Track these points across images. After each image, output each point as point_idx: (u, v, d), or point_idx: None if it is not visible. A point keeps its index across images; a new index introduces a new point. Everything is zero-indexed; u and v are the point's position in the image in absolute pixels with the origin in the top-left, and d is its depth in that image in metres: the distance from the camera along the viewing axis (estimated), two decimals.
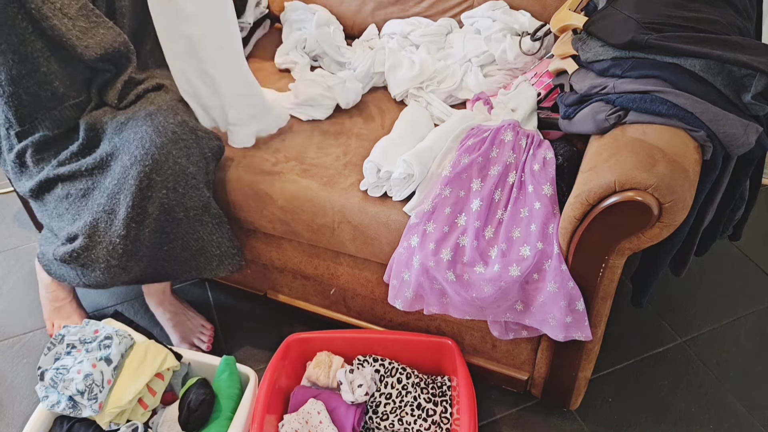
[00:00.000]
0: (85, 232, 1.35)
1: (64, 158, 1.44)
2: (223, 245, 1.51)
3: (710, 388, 1.65)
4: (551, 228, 1.26)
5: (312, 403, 1.47)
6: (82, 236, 1.35)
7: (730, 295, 1.90)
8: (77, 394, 1.36)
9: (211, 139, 1.48)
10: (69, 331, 1.47)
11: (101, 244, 1.36)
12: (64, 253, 1.38)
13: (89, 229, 1.35)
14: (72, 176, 1.42)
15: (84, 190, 1.40)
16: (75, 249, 1.36)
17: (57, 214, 1.43)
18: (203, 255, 1.50)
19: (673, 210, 1.10)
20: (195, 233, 1.46)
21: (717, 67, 1.19)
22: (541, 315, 1.30)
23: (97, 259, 1.37)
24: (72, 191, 1.41)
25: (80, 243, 1.35)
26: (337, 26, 1.94)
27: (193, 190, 1.42)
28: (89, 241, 1.35)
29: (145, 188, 1.35)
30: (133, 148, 1.36)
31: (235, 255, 1.55)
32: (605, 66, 1.30)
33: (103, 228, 1.36)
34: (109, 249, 1.36)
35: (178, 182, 1.38)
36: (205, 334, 1.77)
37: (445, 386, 1.56)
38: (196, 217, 1.44)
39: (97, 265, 1.37)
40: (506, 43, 1.66)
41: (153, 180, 1.35)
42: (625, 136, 1.20)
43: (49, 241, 1.46)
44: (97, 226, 1.36)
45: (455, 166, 1.36)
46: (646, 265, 1.43)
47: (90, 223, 1.36)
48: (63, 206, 1.42)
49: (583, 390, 1.52)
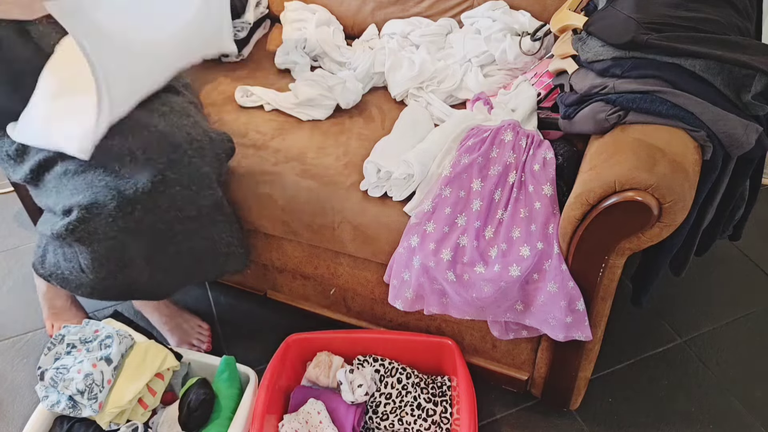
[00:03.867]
0: (82, 204, 1.31)
1: None
2: (233, 244, 1.51)
3: (710, 388, 1.65)
4: (551, 228, 1.26)
5: (312, 403, 1.47)
6: (77, 208, 1.31)
7: (730, 295, 1.90)
8: (77, 393, 1.35)
9: (223, 141, 1.48)
10: (69, 331, 1.46)
11: (100, 215, 1.31)
12: (61, 227, 1.33)
13: (87, 202, 1.31)
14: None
15: (84, 167, 1.36)
16: (71, 221, 1.31)
17: (55, 192, 1.39)
18: (211, 255, 1.49)
19: (673, 210, 1.10)
20: (205, 231, 1.45)
21: (717, 67, 1.19)
22: (542, 315, 1.29)
23: (95, 232, 1.32)
24: (70, 167, 1.37)
25: (76, 215, 1.31)
26: (337, 26, 1.94)
27: (207, 189, 1.42)
28: (86, 213, 1.31)
29: (159, 183, 1.34)
30: (147, 145, 1.34)
31: (243, 254, 1.55)
32: (605, 66, 1.29)
33: (102, 201, 1.31)
34: (109, 221, 1.31)
35: (192, 181, 1.38)
36: (203, 335, 1.77)
37: (445, 386, 1.56)
38: (208, 215, 1.44)
39: (94, 238, 1.33)
40: (506, 43, 1.65)
41: (167, 177, 1.34)
42: (625, 136, 1.20)
43: (47, 221, 1.42)
44: (95, 199, 1.31)
45: (455, 166, 1.36)
46: (646, 265, 1.43)
47: (89, 196, 1.31)
48: (62, 182, 1.38)
49: (583, 390, 1.52)
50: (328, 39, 1.85)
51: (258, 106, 1.72)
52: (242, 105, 1.72)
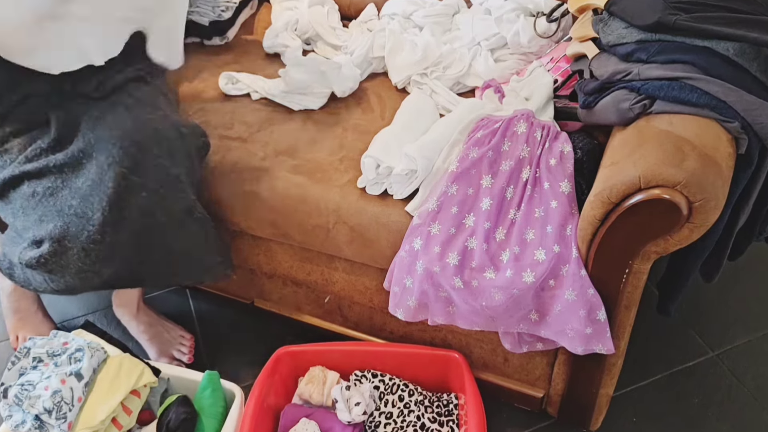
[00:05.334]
0: (54, 237, 1.31)
1: (32, 154, 1.40)
2: (210, 251, 1.49)
3: (745, 406, 1.63)
4: (569, 229, 1.25)
5: (304, 423, 1.45)
6: (49, 241, 1.31)
7: (766, 304, 1.88)
8: (44, 413, 1.31)
9: (196, 136, 1.46)
10: (35, 344, 1.44)
11: (72, 249, 1.31)
12: (30, 258, 1.33)
13: (59, 234, 1.31)
14: (39, 173, 1.38)
15: (52, 189, 1.36)
16: (42, 254, 1.31)
17: (23, 213, 1.39)
18: (185, 261, 1.48)
19: (704, 209, 1.08)
20: (177, 238, 1.43)
21: (753, 51, 1.17)
22: (558, 326, 1.28)
23: (67, 266, 1.32)
24: (39, 189, 1.36)
25: (48, 248, 1.31)
26: (332, 6, 1.94)
27: (177, 192, 1.39)
28: (58, 246, 1.31)
29: (124, 191, 1.31)
30: (110, 146, 1.32)
31: (222, 263, 1.53)
32: (629, 50, 1.28)
33: (73, 232, 1.31)
34: (82, 255, 1.31)
35: (160, 184, 1.36)
36: (185, 345, 1.75)
37: (452, 404, 1.53)
38: (180, 221, 1.41)
39: (66, 271, 1.33)
40: (519, 24, 1.63)
41: (132, 182, 1.32)
42: (651, 127, 1.19)
43: (14, 242, 1.41)
44: (67, 231, 1.31)
45: (463, 161, 1.35)
46: (675, 270, 1.42)
47: (60, 227, 1.31)
48: (29, 204, 1.38)
49: (604, 409, 1.51)
50: (322, 20, 1.84)
51: (244, 95, 1.72)
52: (227, 93, 1.72)
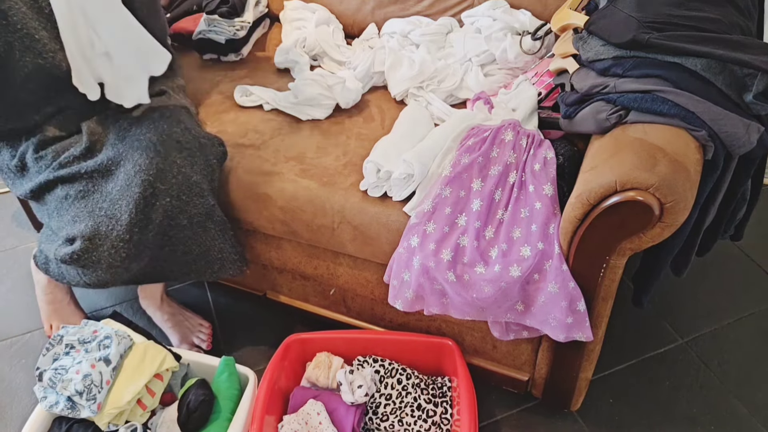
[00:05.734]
0: (86, 235, 1.34)
1: (65, 160, 1.43)
2: (225, 251, 1.51)
3: (712, 389, 1.65)
4: (552, 228, 1.26)
5: (311, 404, 1.47)
6: (81, 239, 1.34)
7: (731, 296, 1.90)
8: (76, 394, 1.35)
9: (214, 146, 1.48)
10: (68, 332, 1.46)
11: (102, 246, 1.34)
12: (65, 254, 1.36)
13: (90, 232, 1.34)
14: (72, 178, 1.41)
15: (83, 192, 1.39)
16: (75, 251, 1.35)
17: (57, 213, 1.42)
18: (205, 259, 1.50)
19: (675, 210, 1.10)
20: (198, 239, 1.46)
21: (719, 66, 1.19)
22: (542, 315, 1.29)
23: (98, 261, 1.36)
24: (71, 192, 1.40)
25: (80, 245, 1.34)
26: (337, 25, 1.94)
27: (197, 197, 1.42)
28: (89, 243, 1.34)
29: (149, 196, 1.35)
30: (137, 156, 1.36)
31: (237, 261, 1.55)
32: (606, 65, 1.29)
33: (104, 231, 1.34)
34: (111, 252, 1.35)
35: (182, 191, 1.39)
36: (204, 333, 1.77)
37: (446, 387, 1.56)
38: (200, 223, 1.44)
39: (98, 266, 1.36)
40: (507, 42, 1.65)
41: (157, 189, 1.35)
42: (626, 135, 1.20)
43: (49, 239, 1.45)
44: (98, 230, 1.34)
45: (455, 166, 1.36)
46: (648, 265, 1.43)
47: (91, 226, 1.34)
48: (63, 206, 1.41)
49: (584, 391, 1.52)
50: (328, 38, 1.85)
51: (257, 106, 1.72)
52: (241, 105, 1.72)
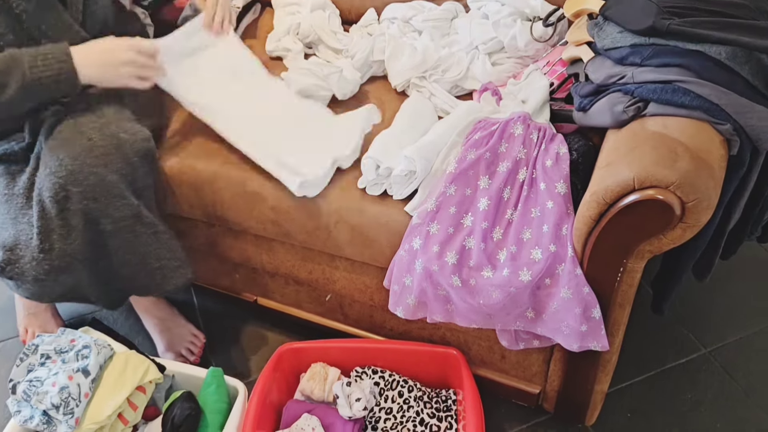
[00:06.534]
0: (7, 245, 1.34)
1: (2, 153, 1.43)
2: (163, 257, 1.46)
3: (737, 402, 1.64)
4: (565, 229, 1.25)
5: (306, 419, 1.46)
6: (2, 249, 1.34)
7: (758, 302, 1.88)
8: (52, 408, 1.33)
9: (135, 142, 1.41)
10: (43, 341, 1.45)
11: (24, 258, 1.34)
12: None
13: (11, 242, 1.34)
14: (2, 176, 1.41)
15: (8, 196, 1.38)
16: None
17: None
18: (144, 269, 1.45)
19: (697, 209, 1.09)
20: (129, 245, 1.42)
21: (744, 54, 1.17)
22: (554, 323, 1.28)
23: (22, 273, 1.35)
24: None
25: (2, 256, 1.34)
26: (334, 10, 1.93)
27: (117, 199, 1.37)
28: (11, 254, 1.34)
29: (62, 200, 1.32)
30: (49, 157, 1.34)
31: (179, 267, 1.49)
32: (623, 54, 1.28)
33: (24, 241, 1.34)
34: (33, 264, 1.34)
35: (98, 193, 1.34)
36: (196, 345, 1.75)
37: (450, 400, 1.54)
38: (127, 227, 1.40)
39: (24, 278, 1.36)
40: (516, 28, 1.63)
41: (70, 192, 1.32)
42: (645, 129, 1.19)
43: None
44: (18, 239, 1.34)
45: (461, 162, 1.35)
46: (668, 269, 1.42)
47: (12, 235, 1.35)
48: None
49: (599, 404, 1.51)
50: (324, 24, 1.83)
51: None
52: None
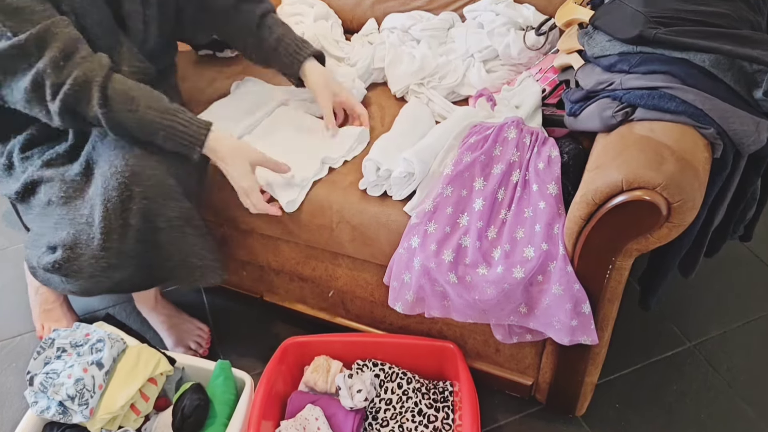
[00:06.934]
0: (66, 244, 1.34)
1: (49, 158, 1.43)
2: (206, 258, 1.48)
3: (720, 394, 1.64)
4: (556, 228, 1.25)
5: (310, 409, 1.47)
6: (62, 248, 1.34)
7: (740, 298, 1.89)
8: (67, 399, 1.34)
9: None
10: (59, 335, 1.45)
11: (83, 256, 1.34)
12: (47, 263, 1.36)
13: (71, 241, 1.34)
14: (55, 181, 1.40)
15: (65, 198, 1.38)
16: (57, 260, 1.34)
17: (40, 219, 1.42)
18: (185, 266, 1.47)
19: (683, 210, 1.10)
20: (177, 243, 1.43)
21: (727, 62, 1.19)
22: (546, 318, 1.29)
23: (80, 270, 1.35)
24: (53, 198, 1.39)
25: (60, 255, 1.34)
26: (336, 20, 1.93)
27: (173, 201, 1.39)
28: (71, 252, 1.34)
29: (126, 200, 1.33)
30: (113, 156, 1.34)
31: (217, 268, 1.52)
32: (612, 61, 1.29)
33: (84, 240, 1.34)
34: (92, 262, 1.34)
35: (158, 193, 1.36)
36: (203, 338, 1.76)
37: (447, 391, 1.55)
38: (178, 227, 1.41)
39: (80, 276, 1.36)
40: (510, 37, 1.64)
41: (133, 191, 1.33)
42: (633, 133, 1.19)
43: (34, 245, 1.44)
44: (78, 238, 1.34)
45: (457, 165, 1.36)
46: (655, 266, 1.43)
47: (72, 235, 1.34)
48: (46, 211, 1.40)
49: (589, 395, 1.52)
50: (326, 33, 1.83)
51: None
52: None
